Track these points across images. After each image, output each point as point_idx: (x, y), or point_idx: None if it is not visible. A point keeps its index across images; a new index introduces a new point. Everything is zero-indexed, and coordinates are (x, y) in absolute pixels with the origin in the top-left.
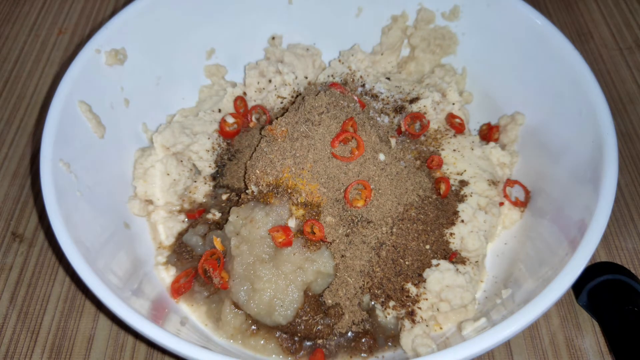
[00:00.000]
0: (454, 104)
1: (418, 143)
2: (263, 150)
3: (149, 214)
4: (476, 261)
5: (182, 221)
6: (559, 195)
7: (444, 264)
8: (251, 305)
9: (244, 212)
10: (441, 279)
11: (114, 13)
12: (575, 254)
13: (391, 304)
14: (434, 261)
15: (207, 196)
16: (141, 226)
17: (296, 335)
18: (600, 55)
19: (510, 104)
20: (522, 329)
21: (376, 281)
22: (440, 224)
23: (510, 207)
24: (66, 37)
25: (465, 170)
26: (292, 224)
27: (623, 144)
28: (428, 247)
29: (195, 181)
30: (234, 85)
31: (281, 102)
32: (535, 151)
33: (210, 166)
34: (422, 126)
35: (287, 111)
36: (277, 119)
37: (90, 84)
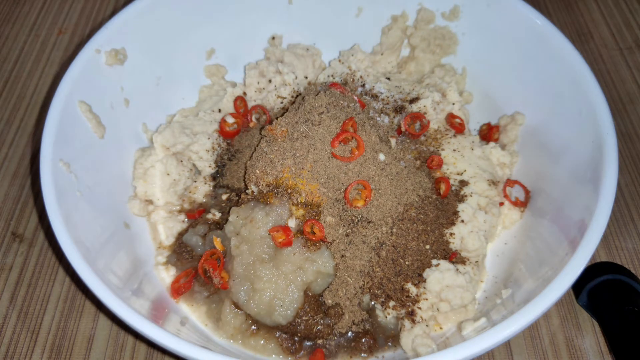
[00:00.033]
0: (454, 104)
1: (418, 143)
2: (263, 150)
3: (149, 214)
4: (476, 261)
5: (182, 221)
6: (559, 195)
7: (444, 264)
8: (251, 305)
9: (244, 212)
10: (441, 279)
11: (114, 13)
12: (575, 254)
13: (391, 304)
14: (434, 261)
15: (207, 196)
16: (141, 226)
17: (296, 335)
18: (600, 55)
19: (510, 104)
20: (522, 329)
21: (376, 281)
22: (440, 224)
23: (510, 207)
24: (66, 37)
25: (465, 170)
26: (292, 224)
27: (623, 144)
28: (428, 247)
29: (195, 181)
30: (234, 85)
31: (281, 102)
32: (535, 151)
33: (210, 166)
34: (422, 126)
35: (287, 111)
36: (277, 119)
37: (90, 84)
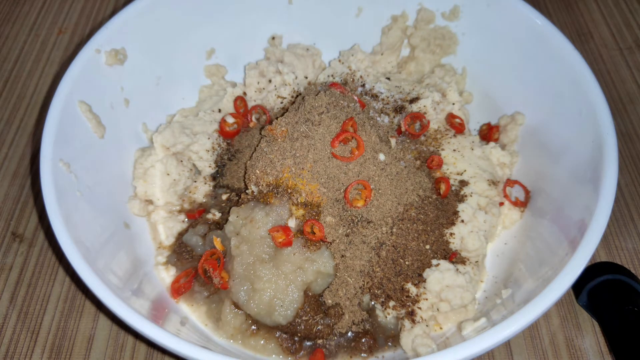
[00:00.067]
0: (454, 104)
1: (418, 143)
2: (263, 150)
3: (149, 214)
4: (476, 261)
5: (182, 221)
6: (559, 195)
7: (444, 264)
8: (251, 305)
9: (244, 212)
10: (441, 279)
11: (114, 13)
12: (575, 254)
13: (391, 304)
14: (434, 261)
15: (207, 196)
16: (141, 226)
17: (296, 335)
18: (600, 55)
19: (510, 104)
20: (522, 329)
21: (376, 281)
22: (440, 224)
23: (510, 207)
24: (66, 37)
25: (465, 170)
26: (292, 224)
27: (623, 144)
28: (428, 247)
29: (195, 181)
30: (234, 85)
31: (281, 102)
32: (535, 151)
33: (210, 166)
34: (422, 126)
35: (287, 111)
36: (277, 119)
37: (90, 84)
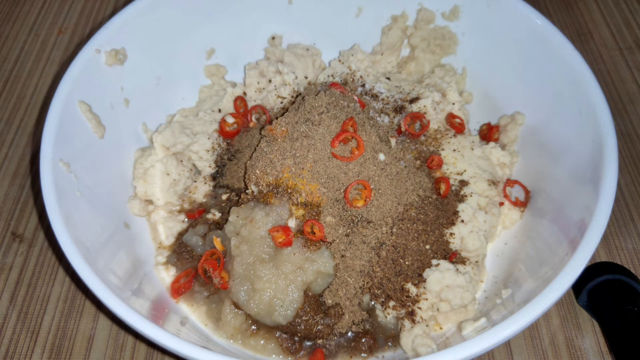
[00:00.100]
0: (454, 104)
1: (418, 143)
2: (263, 150)
3: (149, 214)
4: (476, 261)
5: (182, 221)
6: (559, 195)
7: (444, 264)
8: (251, 305)
9: (244, 212)
10: (441, 279)
11: (114, 13)
12: (575, 254)
13: (391, 304)
14: (434, 261)
15: (207, 196)
16: (141, 226)
17: (296, 335)
18: (600, 55)
19: (510, 104)
20: (522, 329)
21: (376, 281)
22: (440, 224)
23: (510, 207)
24: (66, 37)
25: (465, 170)
26: (292, 224)
27: (623, 144)
28: (428, 247)
29: (195, 181)
30: (234, 85)
31: (281, 102)
32: (535, 151)
33: (210, 166)
34: (422, 126)
35: (287, 111)
36: (277, 119)
37: (90, 84)
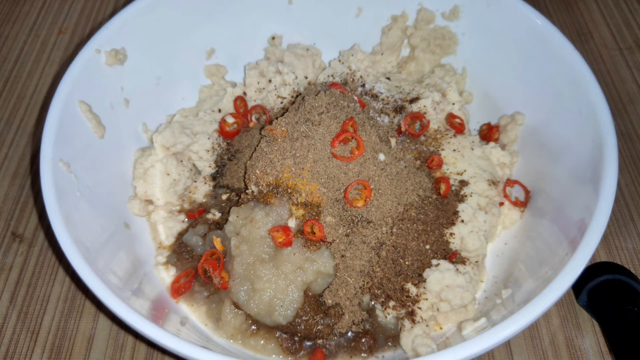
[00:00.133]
0: (454, 104)
1: (418, 143)
2: (263, 150)
3: (149, 214)
4: (476, 261)
5: (182, 221)
6: (559, 195)
7: (444, 264)
8: (251, 305)
9: (244, 212)
10: (441, 279)
11: (114, 13)
12: (575, 254)
13: (391, 304)
14: (434, 261)
15: (207, 196)
16: (141, 226)
17: (296, 335)
18: (600, 55)
19: (510, 104)
20: (522, 329)
21: (376, 281)
22: (440, 224)
23: (510, 207)
24: (66, 37)
25: (465, 170)
26: (292, 224)
27: (623, 144)
28: (428, 247)
29: (195, 181)
30: (234, 85)
31: (281, 102)
32: (535, 151)
33: (210, 166)
34: (422, 126)
35: (287, 111)
36: (277, 119)
37: (90, 84)
